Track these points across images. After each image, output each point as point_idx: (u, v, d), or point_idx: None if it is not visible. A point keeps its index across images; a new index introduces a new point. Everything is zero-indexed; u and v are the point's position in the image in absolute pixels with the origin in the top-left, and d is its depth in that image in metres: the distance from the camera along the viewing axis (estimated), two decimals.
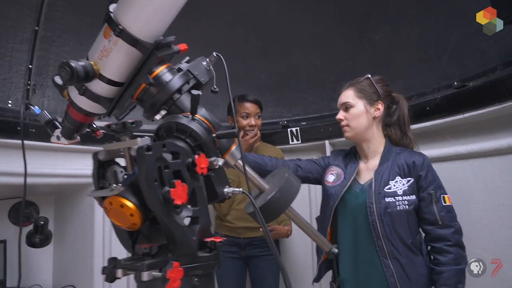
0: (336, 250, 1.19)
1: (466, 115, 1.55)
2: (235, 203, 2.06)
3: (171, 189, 0.65)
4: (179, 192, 0.66)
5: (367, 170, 1.45)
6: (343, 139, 2.08)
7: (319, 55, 2.33)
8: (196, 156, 0.72)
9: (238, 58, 2.43)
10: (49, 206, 2.27)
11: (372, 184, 1.36)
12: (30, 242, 1.79)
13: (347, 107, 1.46)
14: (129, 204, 0.68)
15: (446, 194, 1.35)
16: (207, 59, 0.91)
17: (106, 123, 0.75)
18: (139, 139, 0.72)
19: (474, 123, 1.57)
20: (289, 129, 2.38)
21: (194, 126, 0.78)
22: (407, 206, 1.31)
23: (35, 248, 1.81)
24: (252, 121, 2.04)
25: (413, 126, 1.77)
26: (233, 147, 0.90)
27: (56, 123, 0.98)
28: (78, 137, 0.99)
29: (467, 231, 1.57)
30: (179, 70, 0.87)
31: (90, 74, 0.78)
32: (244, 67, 2.44)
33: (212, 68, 0.91)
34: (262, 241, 2.03)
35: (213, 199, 0.81)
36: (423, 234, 1.39)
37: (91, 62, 0.79)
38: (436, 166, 1.71)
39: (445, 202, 1.32)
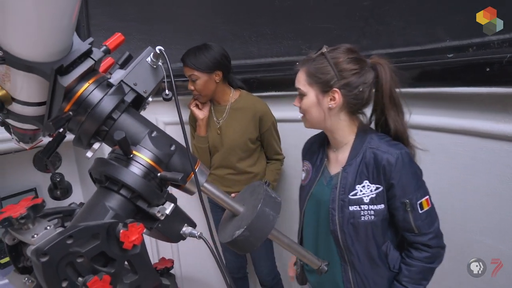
0: (326, 268, 1.10)
1: None
2: (211, 169, 1.91)
3: (89, 283, 0.51)
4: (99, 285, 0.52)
5: (336, 161, 1.23)
6: None
7: None
8: (122, 231, 0.55)
9: None
10: (69, 149, 2.26)
11: (338, 185, 1.15)
12: (53, 196, 1.81)
13: (300, 94, 1.17)
14: None
15: (425, 196, 1.10)
16: (152, 54, 0.69)
17: None
18: (36, 237, 0.55)
19: None
20: None
21: (126, 176, 0.62)
22: (372, 217, 1.11)
23: (59, 201, 1.85)
24: (190, 85, 1.73)
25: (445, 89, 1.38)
26: (196, 169, 0.71)
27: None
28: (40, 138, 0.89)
29: None
30: (110, 84, 0.66)
31: None
32: None
33: (161, 64, 0.70)
34: None
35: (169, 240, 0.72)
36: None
37: None
38: (484, 143, 1.36)
39: (422, 209, 1.09)
